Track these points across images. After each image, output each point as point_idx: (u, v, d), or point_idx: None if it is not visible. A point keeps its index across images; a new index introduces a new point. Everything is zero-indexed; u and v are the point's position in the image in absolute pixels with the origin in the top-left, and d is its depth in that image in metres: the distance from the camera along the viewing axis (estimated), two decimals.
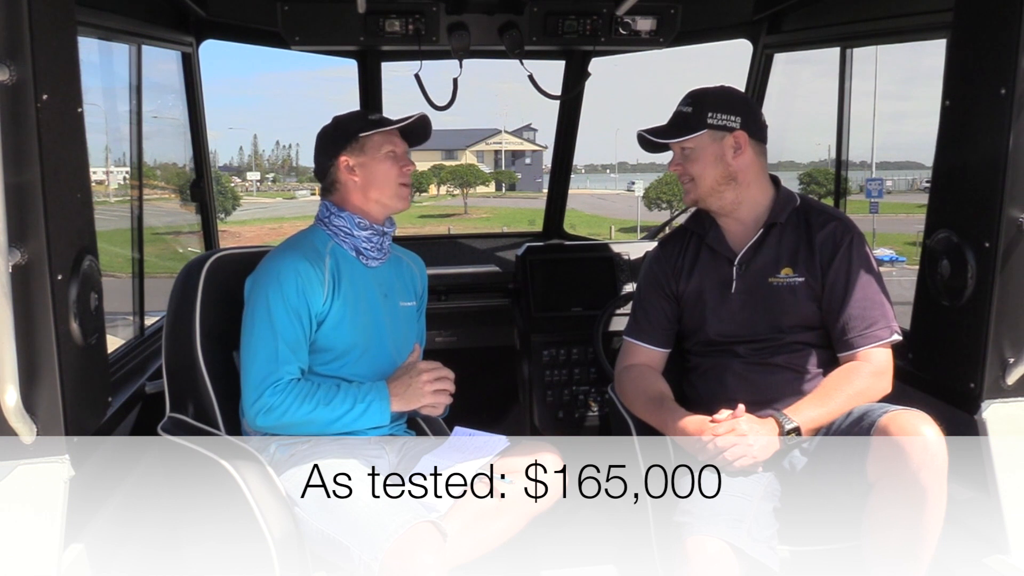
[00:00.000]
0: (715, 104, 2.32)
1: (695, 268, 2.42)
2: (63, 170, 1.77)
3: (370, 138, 2.32)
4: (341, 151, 2.32)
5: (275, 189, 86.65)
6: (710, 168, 2.31)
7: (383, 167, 2.32)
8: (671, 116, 2.39)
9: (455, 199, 60.69)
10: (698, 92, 2.38)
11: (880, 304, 2.26)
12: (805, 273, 2.30)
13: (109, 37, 2.84)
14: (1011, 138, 2.01)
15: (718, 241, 2.40)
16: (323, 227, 2.36)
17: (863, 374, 2.21)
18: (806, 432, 2.14)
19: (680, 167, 2.36)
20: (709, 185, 2.33)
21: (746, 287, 2.34)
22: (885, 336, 2.24)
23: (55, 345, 1.73)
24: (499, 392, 3.79)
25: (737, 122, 2.31)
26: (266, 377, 2.15)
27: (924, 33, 2.87)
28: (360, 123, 2.34)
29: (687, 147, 2.33)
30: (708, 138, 2.30)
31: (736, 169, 2.32)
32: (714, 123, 2.29)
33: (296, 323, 2.20)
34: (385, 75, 3.76)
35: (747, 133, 2.31)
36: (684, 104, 2.36)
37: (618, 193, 73.15)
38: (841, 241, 2.29)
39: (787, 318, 2.30)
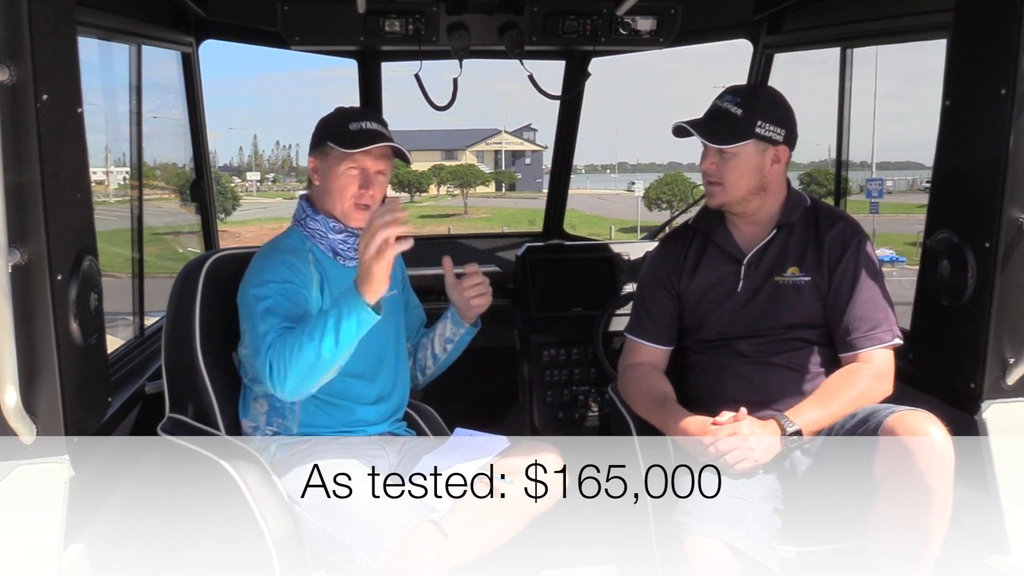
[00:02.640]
0: (765, 111, 2.23)
1: (699, 266, 2.39)
2: (63, 170, 1.77)
3: (333, 149, 2.24)
4: (312, 150, 2.30)
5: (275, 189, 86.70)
6: (746, 177, 2.25)
7: (339, 183, 2.24)
8: (713, 110, 2.28)
9: (455, 199, 60.71)
10: (748, 91, 2.30)
11: (883, 307, 2.26)
12: (812, 272, 2.29)
13: (109, 37, 2.84)
14: (1011, 138, 2.01)
15: (726, 240, 2.37)
16: (300, 228, 2.32)
17: (865, 376, 2.20)
18: (808, 434, 2.13)
19: (715, 167, 2.27)
20: (741, 194, 2.28)
21: (752, 286, 2.33)
22: (887, 339, 2.23)
23: (55, 345, 1.73)
24: (499, 392, 3.79)
25: (782, 135, 2.25)
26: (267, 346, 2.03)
27: (924, 33, 2.86)
28: (336, 129, 2.25)
29: (727, 152, 2.24)
30: (752, 147, 2.23)
31: (769, 180, 2.28)
32: (762, 133, 2.22)
33: (287, 300, 2.12)
34: (385, 75, 3.76)
35: (788, 148, 2.28)
36: (731, 102, 2.25)
37: (618, 193, 73.21)
38: (849, 242, 2.29)
39: (790, 316, 2.29)
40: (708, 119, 2.28)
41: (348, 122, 2.25)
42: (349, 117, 2.28)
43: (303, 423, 2.27)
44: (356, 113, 2.31)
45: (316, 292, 2.21)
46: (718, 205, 2.33)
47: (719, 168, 2.26)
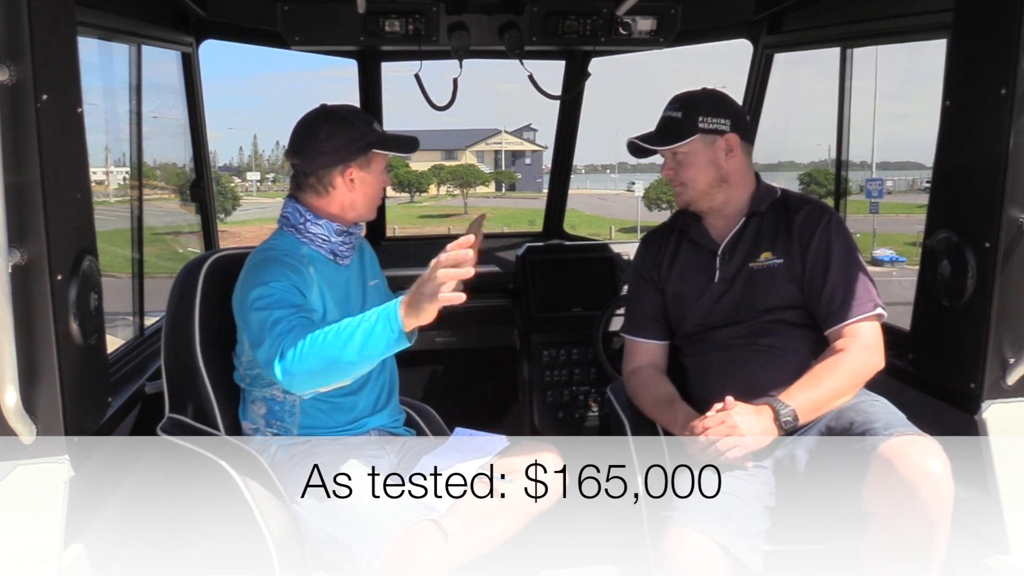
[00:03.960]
0: (705, 108, 2.33)
1: (675, 262, 2.46)
2: (63, 170, 1.77)
3: (377, 155, 2.25)
4: (351, 161, 2.21)
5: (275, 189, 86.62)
6: (703, 172, 2.33)
7: (376, 187, 2.28)
8: (660, 122, 2.40)
9: (455, 199, 60.70)
10: (685, 97, 2.39)
11: (861, 280, 2.26)
12: (784, 255, 2.31)
13: (109, 37, 2.84)
14: (1011, 138, 2.01)
15: (700, 235, 2.43)
16: (294, 233, 2.26)
17: (852, 350, 2.20)
18: (804, 416, 2.12)
19: (672, 172, 2.38)
20: (702, 188, 2.35)
21: (728, 275, 2.36)
22: (869, 309, 2.23)
23: (55, 345, 1.73)
24: (499, 392, 3.79)
25: (727, 124, 2.33)
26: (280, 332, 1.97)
27: (924, 33, 2.86)
28: (372, 135, 2.23)
29: (680, 152, 2.34)
30: (700, 143, 2.32)
31: (728, 171, 2.35)
32: (705, 127, 2.31)
33: (296, 294, 2.08)
34: (385, 75, 3.76)
35: (738, 135, 2.33)
36: (672, 109, 2.37)
37: (618, 193, 73.18)
38: (819, 221, 2.31)
39: (768, 300, 2.31)
40: (657, 130, 2.39)
41: (372, 123, 2.26)
42: (368, 118, 2.28)
43: (303, 425, 2.27)
44: (364, 113, 2.33)
45: (317, 297, 2.20)
46: (684, 204, 2.41)
47: (676, 171, 2.37)
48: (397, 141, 2.28)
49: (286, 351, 1.92)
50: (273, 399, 2.26)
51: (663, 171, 2.42)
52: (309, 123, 2.23)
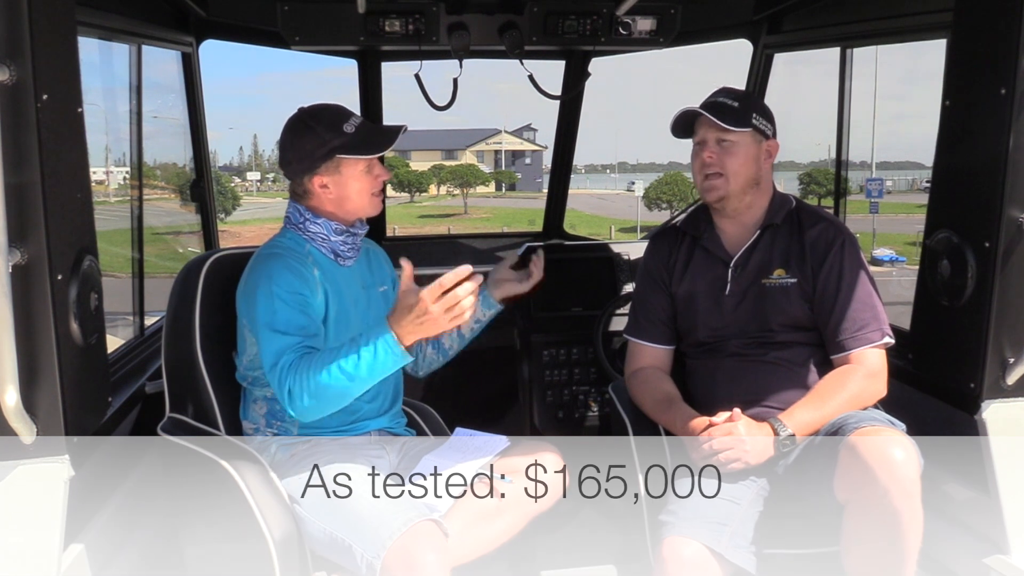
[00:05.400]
0: (757, 106, 2.34)
1: (688, 269, 2.42)
2: (63, 170, 1.77)
3: (346, 159, 2.19)
4: (316, 171, 2.19)
5: (275, 189, 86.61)
6: (745, 167, 2.29)
7: (357, 185, 2.23)
8: (710, 102, 2.30)
9: (455, 199, 60.70)
10: (738, 91, 2.36)
11: (872, 307, 2.25)
12: (798, 274, 2.29)
13: (109, 37, 2.84)
14: (1011, 138, 2.01)
15: (713, 243, 2.39)
16: (297, 231, 2.28)
17: (857, 377, 2.20)
18: (801, 436, 2.13)
19: (714, 156, 2.28)
20: (741, 185, 2.30)
21: (740, 289, 2.34)
22: (876, 339, 2.22)
23: (55, 345, 1.73)
24: (499, 392, 3.79)
25: (771, 131, 2.33)
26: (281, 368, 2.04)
27: (924, 33, 2.87)
28: (337, 139, 2.17)
29: (729, 139, 2.27)
30: (750, 137, 2.29)
31: (762, 175, 2.33)
32: (758, 125, 2.29)
33: (299, 312, 2.11)
34: (385, 75, 3.76)
35: (777, 144, 2.35)
36: (727, 96, 2.31)
37: (618, 193, 73.20)
38: (832, 243, 2.29)
39: (779, 318, 2.29)
40: (708, 108, 2.29)
41: (340, 125, 2.18)
42: (336, 120, 2.19)
43: (303, 425, 2.27)
44: (336, 113, 2.22)
45: (320, 298, 2.20)
46: (718, 199, 2.32)
47: (719, 157, 2.28)
48: (368, 141, 2.20)
49: (293, 389, 2.00)
50: (274, 399, 2.25)
51: (703, 155, 2.29)
52: (284, 130, 2.25)
